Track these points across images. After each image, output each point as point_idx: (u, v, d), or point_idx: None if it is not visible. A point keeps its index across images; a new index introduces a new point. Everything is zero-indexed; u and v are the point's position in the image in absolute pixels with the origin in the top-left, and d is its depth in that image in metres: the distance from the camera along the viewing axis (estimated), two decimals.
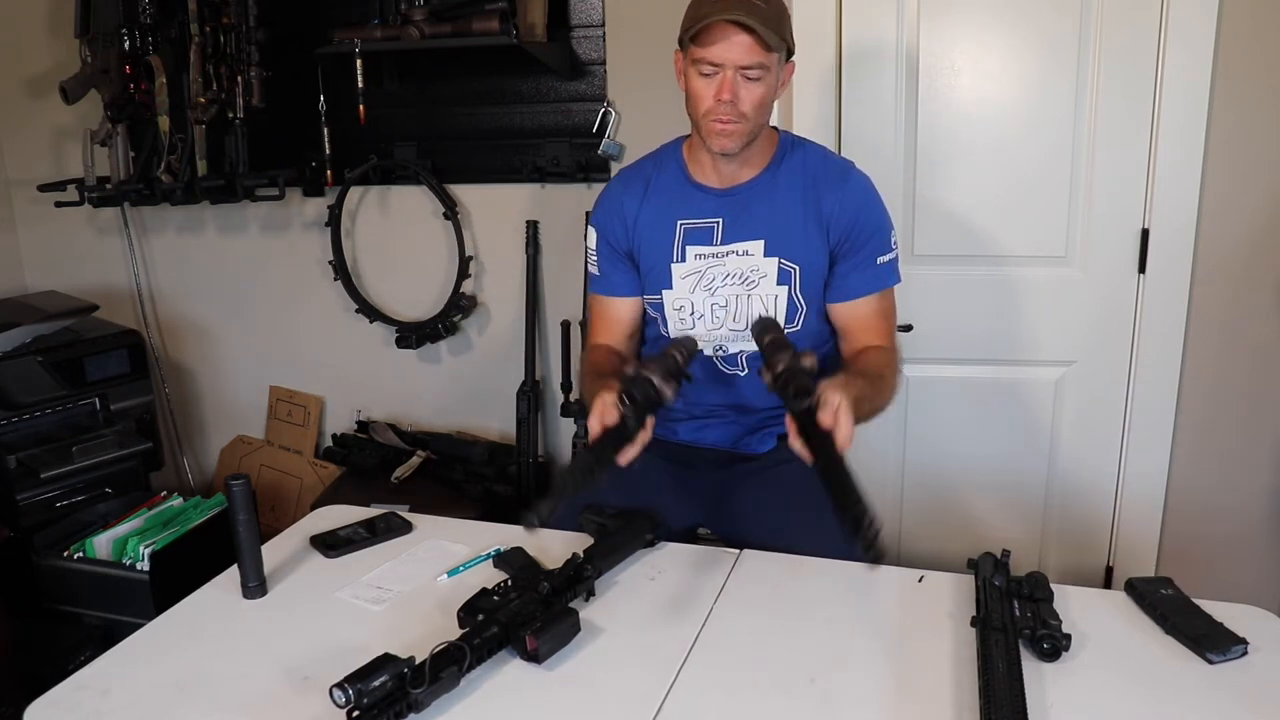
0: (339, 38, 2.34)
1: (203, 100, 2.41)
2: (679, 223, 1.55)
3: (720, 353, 1.58)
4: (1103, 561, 2.26)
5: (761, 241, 1.52)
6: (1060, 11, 1.99)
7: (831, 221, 1.51)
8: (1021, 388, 2.20)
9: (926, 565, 1.37)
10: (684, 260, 1.55)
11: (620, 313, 1.63)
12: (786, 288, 1.53)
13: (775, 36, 1.38)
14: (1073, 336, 2.15)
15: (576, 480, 1.19)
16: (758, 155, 1.52)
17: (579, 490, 1.18)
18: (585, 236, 1.67)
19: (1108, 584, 2.22)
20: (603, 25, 2.31)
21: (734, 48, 1.38)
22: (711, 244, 1.54)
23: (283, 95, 2.49)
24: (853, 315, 1.55)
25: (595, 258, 1.63)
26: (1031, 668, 1.09)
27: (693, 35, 1.39)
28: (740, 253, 1.53)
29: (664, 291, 1.57)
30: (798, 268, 1.52)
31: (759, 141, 1.49)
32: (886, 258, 1.54)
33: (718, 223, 1.54)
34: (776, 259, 1.52)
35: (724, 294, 1.54)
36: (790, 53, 1.46)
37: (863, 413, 1.34)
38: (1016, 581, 1.21)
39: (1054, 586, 1.22)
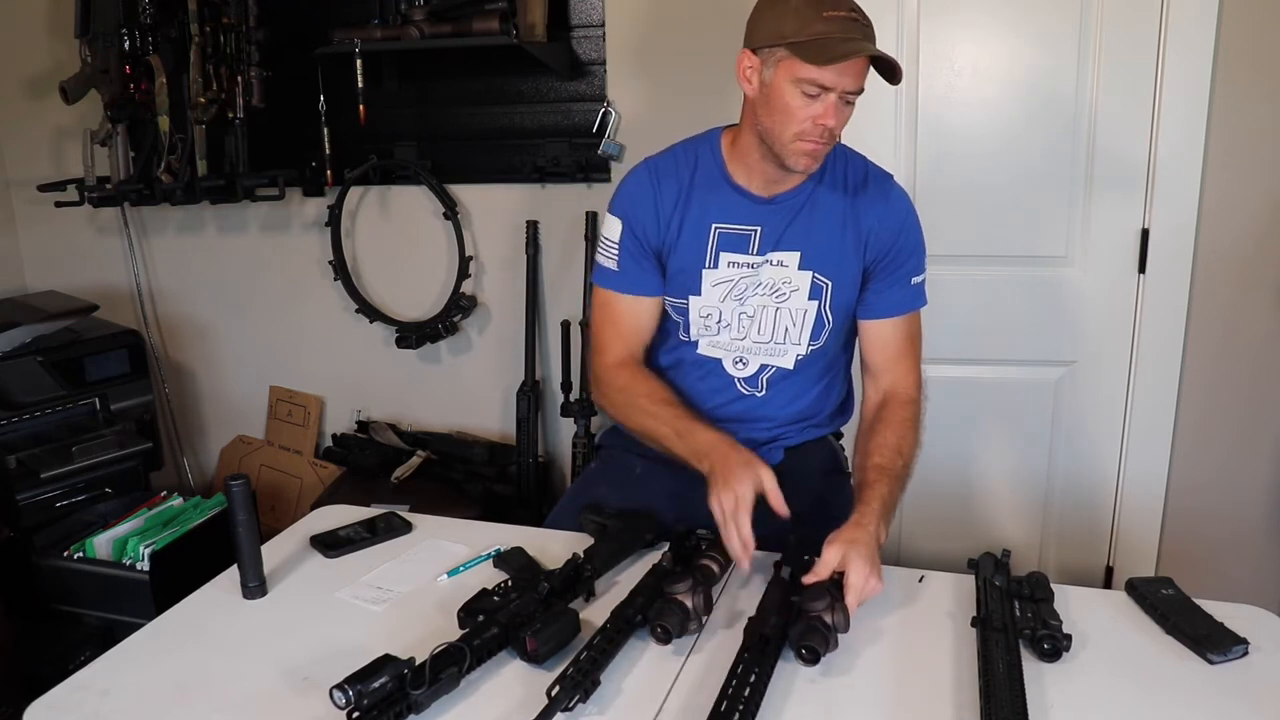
0: (339, 38, 2.34)
1: (203, 100, 2.41)
2: (714, 226, 1.47)
3: (740, 368, 1.53)
4: (1103, 561, 2.26)
5: (798, 254, 1.46)
6: (1060, 11, 1.99)
7: (870, 238, 1.47)
8: (1021, 388, 2.21)
9: (927, 565, 1.37)
10: (717, 267, 1.47)
11: (640, 314, 1.53)
12: (817, 303, 1.48)
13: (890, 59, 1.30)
14: (1073, 336, 2.16)
15: None
16: None
17: None
18: (600, 226, 1.57)
19: (1108, 584, 2.22)
20: (603, 25, 2.30)
21: (852, 74, 1.30)
22: (747, 252, 1.47)
23: (283, 95, 2.48)
24: (882, 336, 1.52)
25: (615, 252, 1.50)
26: (1031, 668, 1.09)
27: (807, 53, 1.27)
28: (775, 263, 1.47)
29: (691, 297, 1.50)
30: (830, 283, 1.47)
31: None
32: (919, 279, 1.51)
33: (755, 231, 1.46)
34: (811, 273, 1.47)
35: (753, 303, 1.49)
36: None
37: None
38: (1017, 581, 1.21)
39: (1054, 586, 1.22)
